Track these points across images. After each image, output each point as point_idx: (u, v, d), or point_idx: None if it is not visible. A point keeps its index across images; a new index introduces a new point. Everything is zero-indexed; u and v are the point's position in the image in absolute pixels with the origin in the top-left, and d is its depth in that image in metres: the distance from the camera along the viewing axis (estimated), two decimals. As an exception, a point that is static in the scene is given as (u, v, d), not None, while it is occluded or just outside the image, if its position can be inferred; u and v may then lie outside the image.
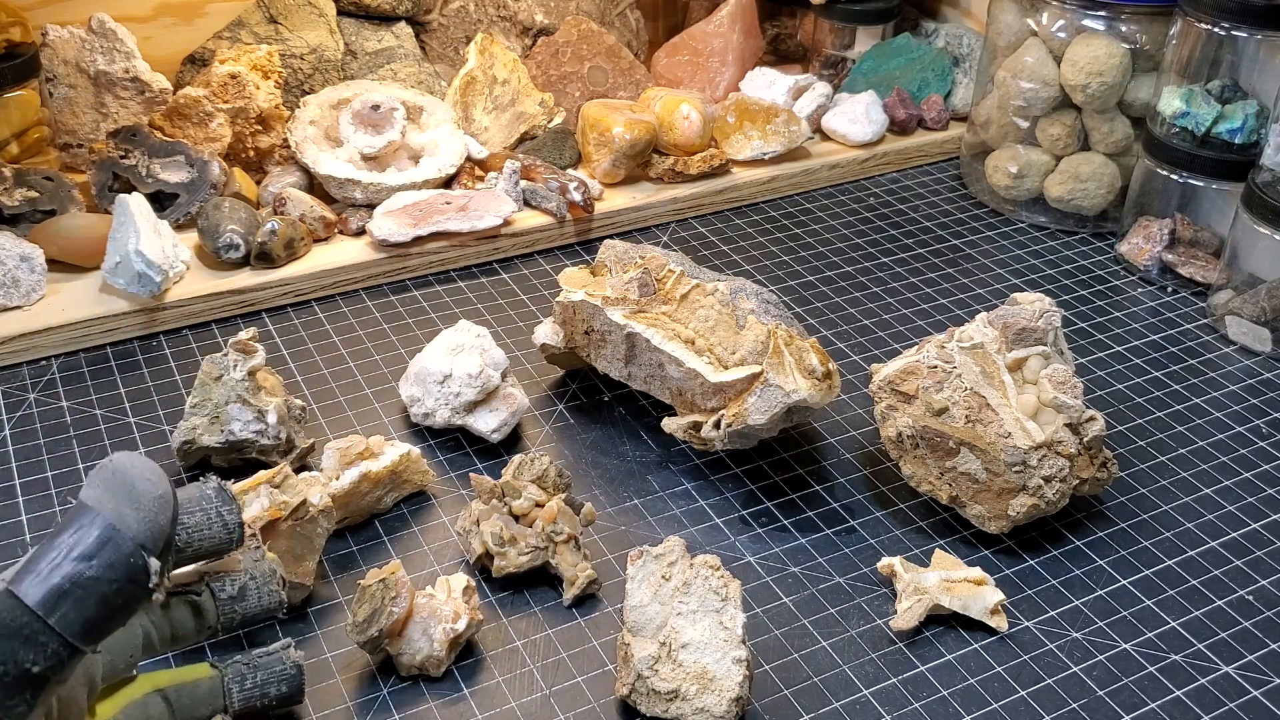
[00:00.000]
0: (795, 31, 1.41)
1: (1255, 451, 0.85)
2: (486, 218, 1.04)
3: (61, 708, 0.39)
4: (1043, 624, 0.70)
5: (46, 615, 0.33)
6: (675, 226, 1.13)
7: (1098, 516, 0.79)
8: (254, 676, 0.59)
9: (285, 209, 1.02)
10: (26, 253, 0.94)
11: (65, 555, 0.34)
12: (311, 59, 1.15)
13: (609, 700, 0.64)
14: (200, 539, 0.50)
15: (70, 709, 0.40)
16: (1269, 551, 0.76)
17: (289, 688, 0.60)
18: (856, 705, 0.64)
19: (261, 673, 0.59)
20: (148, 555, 0.37)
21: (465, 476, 0.80)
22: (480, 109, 1.17)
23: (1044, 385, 0.75)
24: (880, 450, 0.84)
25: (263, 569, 0.59)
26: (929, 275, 1.07)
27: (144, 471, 0.38)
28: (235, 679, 0.58)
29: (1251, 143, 1.01)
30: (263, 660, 0.60)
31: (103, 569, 0.34)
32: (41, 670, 0.33)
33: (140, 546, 0.36)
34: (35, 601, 0.33)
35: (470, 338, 0.84)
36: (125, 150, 1.02)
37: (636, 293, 0.81)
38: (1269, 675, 0.67)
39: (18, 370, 0.90)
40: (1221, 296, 1.00)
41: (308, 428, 0.84)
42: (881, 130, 1.24)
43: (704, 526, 0.77)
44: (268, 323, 0.97)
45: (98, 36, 1.08)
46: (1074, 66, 1.08)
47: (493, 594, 0.71)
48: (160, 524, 0.38)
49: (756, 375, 0.76)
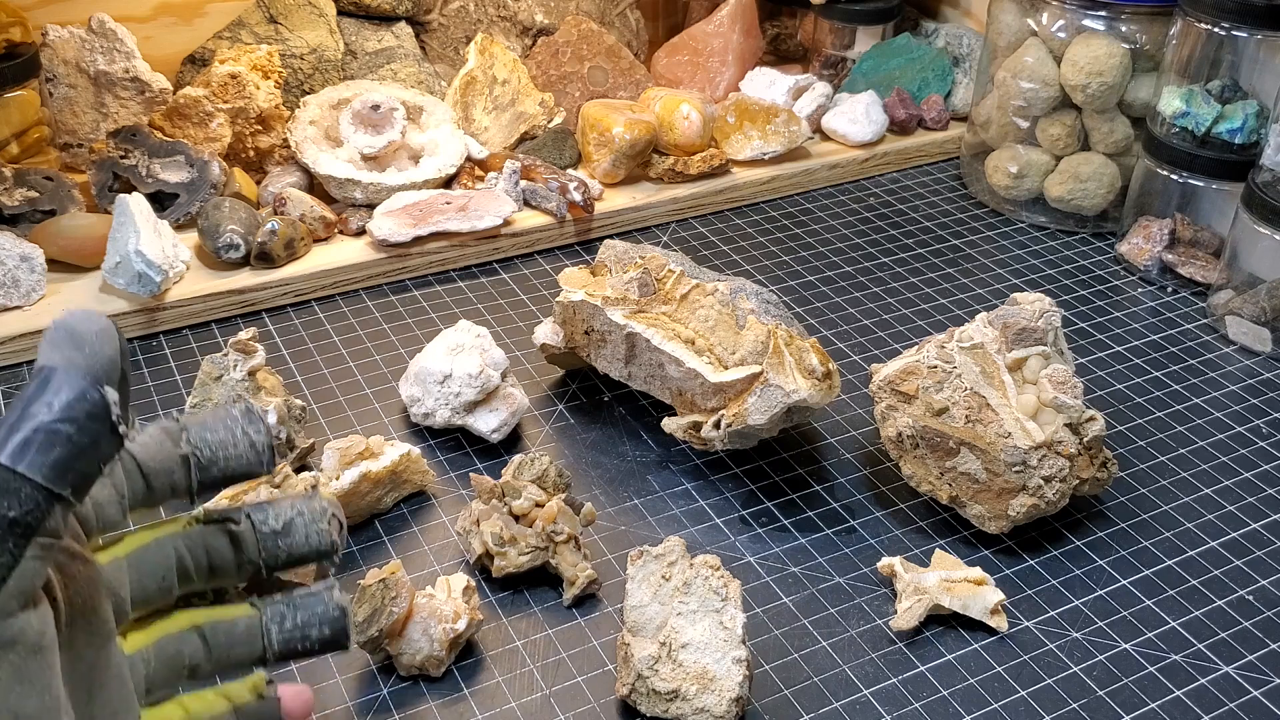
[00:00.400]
0: (795, 31, 1.41)
1: (1255, 451, 0.85)
2: (486, 218, 1.04)
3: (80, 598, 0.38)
4: (1043, 624, 0.70)
5: (13, 464, 0.34)
6: (675, 226, 1.13)
7: (1098, 516, 0.79)
8: (294, 617, 0.54)
9: (285, 209, 1.02)
10: (26, 253, 0.94)
11: (23, 410, 0.35)
12: (311, 59, 1.15)
13: (609, 700, 0.64)
14: (225, 455, 0.48)
15: (90, 601, 0.40)
16: (1269, 551, 0.76)
17: (332, 630, 0.56)
18: (856, 705, 0.64)
19: (303, 613, 0.55)
20: (101, 387, 0.37)
21: (465, 476, 0.80)
22: (480, 109, 1.17)
23: (1044, 385, 0.75)
24: (880, 450, 0.84)
25: (313, 506, 0.54)
26: (929, 275, 1.07)
27: (82, 317, 0.39)
28: (275, 619, 0.54)
29: (1251, 143, 1.01)
30: (304, 600, 0.55)
31: (60, 410, 0.35)
32: (19, 515, 0.34)
33: (94, 382, 0.36)
34: (2, 456, 0.34)
35: (470, 338, 0.84)
36: (125, 150, 1.02)
37: (636, 293, 0.81)
38: (1269, 675, 0.67)
39: (18, 370, 0.90)
40: (1221, 296, 1.00)
41: (308, 428, 0.84)
42: (881, 130, 1.24)
43: (704, 526, 0.77)
44: (268, 323, 0.97)
45: (98, 36, 1.08)
46: (1074, 66, 1.08)
47: (493, 594, 0.71)
48: (107, 354, 0.38)
49: (756, 375, 0.76)
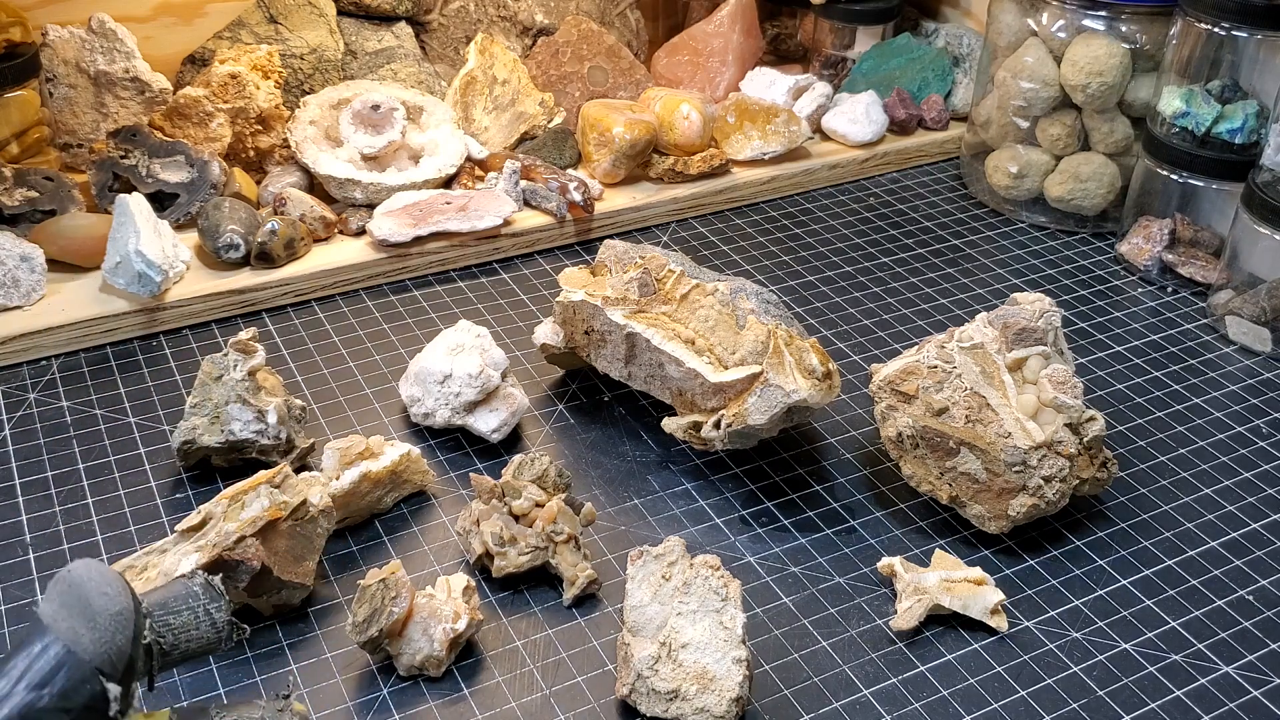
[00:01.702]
0: (795, 31, 1.41)
1: (1255, 451, 0.85)
2: (486, 218, 1.04)
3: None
4: (1043, 624, 0.70)
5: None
6: (675, 226, 1.13)
7: (1098, 516, 0.79)
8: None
9: (285, 209, 1.02)
10: (26, 253, 0.94)
11: (17, 682, 0.32)
12: (311, 59, 1.15)
13: (609, 700, 0.64)
14: (187, 639, 0.47)
15: None
16: (1269, 551, 0.76)
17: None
18: (856, 705, 0.64)
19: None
20: (106, 680, 0.34)
21: (465, 476, 0.80)
22: (480, 109, 1.17)
23: (1044, 385, 0.75)
24: (880, 450, 0.84)
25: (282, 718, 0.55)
26: (929, 275, 1.07)
27: (101, 585, 0.36)
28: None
29: (1251, 143, 1.01)
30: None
31: (56, 698, 0.32)
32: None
33: (98, 671, 0.34)
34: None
35: (470, 338, 0.84)
36: (125, 150, 1.02)
37: (636, 293, 0.81)
38: (1269, 675, 0.67)
39: (18, 370, 0.90)
40: (1221, 296, 1.00)
41: (308, 428, 0.84)
42: (881, 130, 1.24)
43: (704, 526, 0.77)
44: (268, 323, 0.97)
45: (98, 36, 1.08)
46: (1074, 66, 1.08)
47: (493, 594, 0.71)
48: (118, 644, 0.36)
49: (756, 375, 0.76)
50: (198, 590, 0.49)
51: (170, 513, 0.77)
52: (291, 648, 0.67)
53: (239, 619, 0.67)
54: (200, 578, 0.50)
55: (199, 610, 0.48)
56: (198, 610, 0.48)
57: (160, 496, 0.78)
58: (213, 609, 0.49)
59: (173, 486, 0.79)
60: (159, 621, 0.46)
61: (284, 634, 0.68)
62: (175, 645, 0.47)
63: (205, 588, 0.50)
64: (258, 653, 0.67)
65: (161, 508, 0.77)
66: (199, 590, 0.49)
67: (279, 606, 0.69)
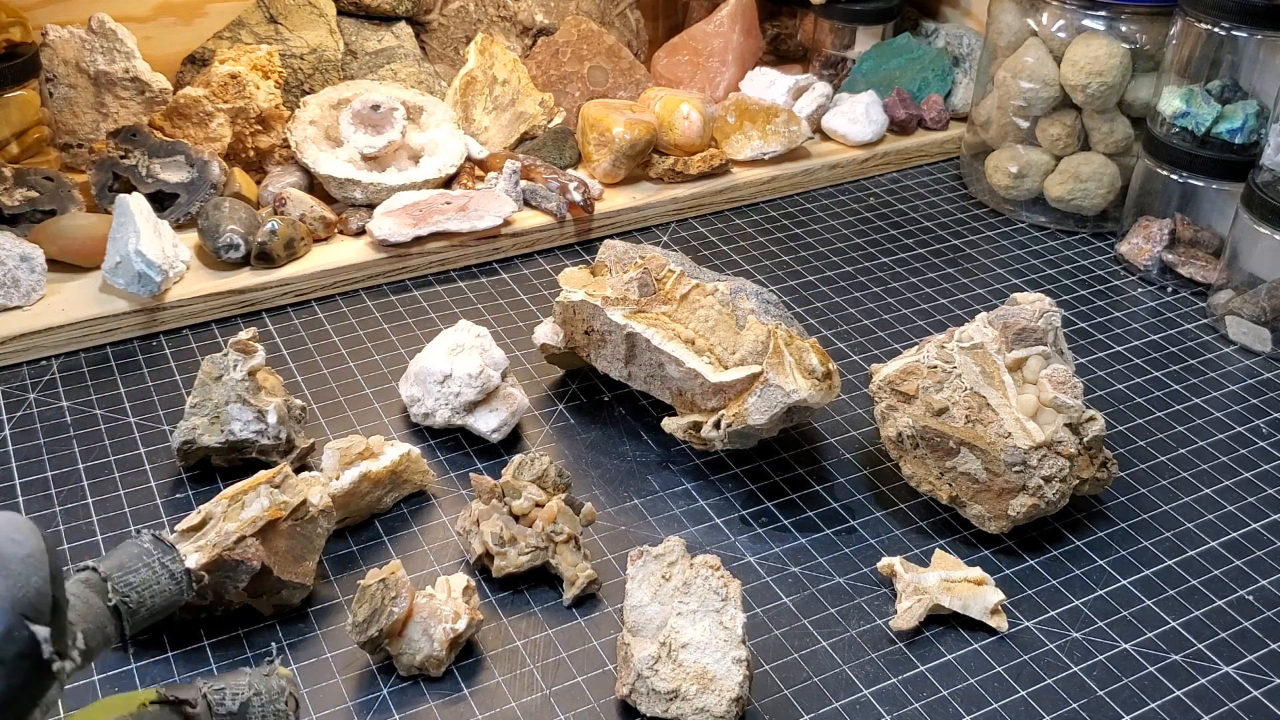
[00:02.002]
0: (795, 31, 1.41)
1: (1255, 451, 0.85)
2: (486, 218, 1.04)
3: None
4: (1043, 624, 0.70)
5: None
6: (675, 226, 1.13)
7: (1098, 516, 0.79)
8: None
9: (285, 209, 1.02)
10: (26, 253, 0.94)
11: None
12: (311, 59, 1.15)
13: (609, 700, 0.64)
14: (150, 595, 0.48)
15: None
16: (1269, 551, 0.76)
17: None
18: (856, 705, 0.64)
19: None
20: (31, 624, 0.33)
21: (465, 476, 0.80)
22: (480, 109, 1.17)
23: (1044, 385, 0.75)
24: (880, 450, 0.84)
25: (270, 685, 0.56)
26: (929, 275, 1.07)
27: (9, 531, 0.34)
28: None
29: (1251, 143, 1.01)
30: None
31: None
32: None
33: (23, 617, 0.33)
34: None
35: (470, 338, 0.84)
36: (125, 150, 1.02)
37: (636, 293, 0.81)
38: (1269, 675, 0.67)
39: (18, 370, 0.90)
40: (1221, 296, 1.00)
41: (308, 428, 0.84)
42: (881, 130, 1.24)
43: (704, 526, 0.77)
44: (268, 323, 0.97)
45: (98, 36, 1.08)
46: (1074, 66, 1.08)
47: (493, 594, 0.71)
48: (34, 585, 0.34)
49: (756, 375, 0.76)
50: (149, 546, 0.51)
51: (170, 513, 0.77)
52: (291, 648, 0.67)
53: (239, 618, 0.68)
54: (148, 534, 0.52)
55: (155, 565, 0.50)
56: (154, 565, 0.50)
57: (160, 496, 0.78)
58: (167, 560, 0.51)
59: (173, 486, 0.79)
60: (120, 582, 0.48)
61: (284, 634, 0.68)
62: (141, 602, 0.48)
63: (155, 543, 0.52)
64: (258, 653, 0.67)
65: (161, 508, 0.77)
66: (150, 546, 0.51)
67: (279, 606, 0.69)
